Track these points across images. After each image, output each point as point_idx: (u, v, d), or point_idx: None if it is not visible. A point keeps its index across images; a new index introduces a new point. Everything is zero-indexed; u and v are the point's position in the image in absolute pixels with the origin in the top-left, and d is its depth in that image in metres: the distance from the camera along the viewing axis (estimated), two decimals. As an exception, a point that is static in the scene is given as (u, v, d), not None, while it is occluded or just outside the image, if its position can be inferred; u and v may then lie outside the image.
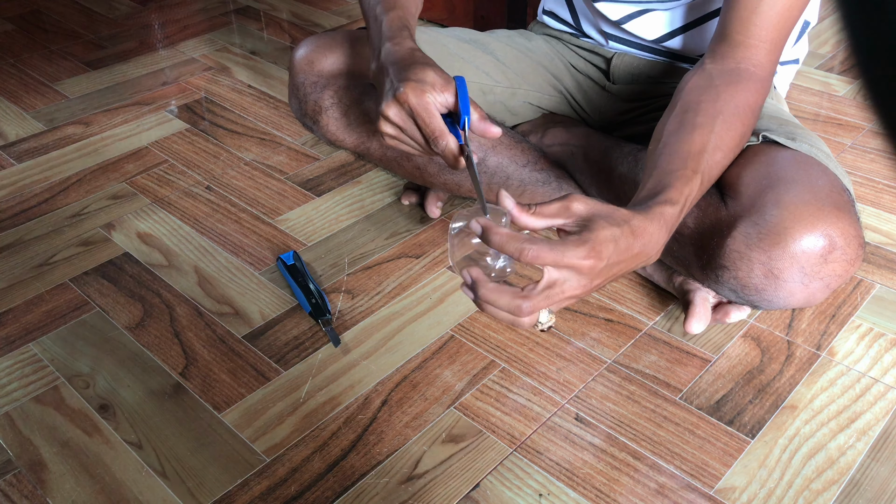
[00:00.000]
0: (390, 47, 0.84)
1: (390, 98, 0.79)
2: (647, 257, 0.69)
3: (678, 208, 0.71)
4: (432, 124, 0.78)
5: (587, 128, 1.09)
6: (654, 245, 0.69)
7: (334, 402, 0.88)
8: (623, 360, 0.92)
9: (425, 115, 0.78)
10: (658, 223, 0.69)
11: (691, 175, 0.73)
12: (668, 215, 0.70)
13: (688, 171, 0.74)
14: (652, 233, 0.68)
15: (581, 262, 0.63)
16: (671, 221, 0.70)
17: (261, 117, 1.44)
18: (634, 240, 0.66)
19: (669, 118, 0.80)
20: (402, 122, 0.80)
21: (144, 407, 0.87)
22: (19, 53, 1.72)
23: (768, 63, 0.83)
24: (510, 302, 0.64)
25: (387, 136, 0.83)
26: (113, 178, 1.28)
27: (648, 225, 0.68)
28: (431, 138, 0.78)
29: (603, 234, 0.64)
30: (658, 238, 0.69)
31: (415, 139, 0.81)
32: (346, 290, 1.03)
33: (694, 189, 0.73)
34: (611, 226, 0.65)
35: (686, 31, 0.99)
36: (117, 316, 1.00)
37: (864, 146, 1.33)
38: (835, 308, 0.99)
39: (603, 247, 0.64)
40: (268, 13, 1.91)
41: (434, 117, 0.78)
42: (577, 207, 0.66)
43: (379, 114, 0.81)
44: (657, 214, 0.69)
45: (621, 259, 0.66)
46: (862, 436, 0.83)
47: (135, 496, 0.78)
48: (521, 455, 0.81)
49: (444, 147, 0.78)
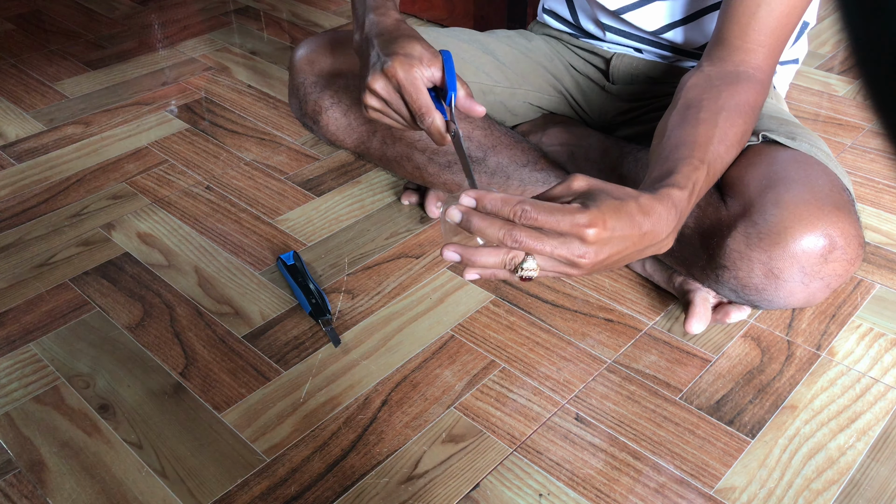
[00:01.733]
0: (374, 18, 0.83)
1: (378, 71, 0.78)
2: (658, 240, 0.67)
3: (686, 192, 0.69)
4: (419, 100, 0.77)
5: (587, 128, 1.09)
6: (663, 226, 0.66)
7: (334, 402, 0.88)
8: (623, 360, 0.92)
9: (413, 90, 0.77)
10: (666, 204, 0.66)
11: (698, 164, 0.72)
12: (677, 197, 0.68)
13: (694, 160, 0.72)
14: (661, 213, 0.66)
15: (584, 230, 0.61)
16: (680, 204, 0.68)
17: (261, 117, 1.44)
18: (643, 217, 0.64)
19: (672, 115, 0.80)
20: (389, 96, 0.79)
21: (144, 407, 0.87)
22: (19, 53, 1.72)
23: (767, 66, 0.83)
24: (500, 230, 0.61)
25: (371, 110, 0.82)
26: (113, 178, 1.28)
27: (657, 204, 0.66)
28: (418, 114, 0.78)
29: (606, 204, 0.62)
30: (668, 219, 0.66)
31: (400, 114, 0.80)
32: (346, 290, 1.03)
33: (701, 178, 0.71)
34: (614, 198, 0.63)
35: (685, 24, 0.99)
36: (117, 316, 1.00)
37: (864, 146, 1.33)
38: (835, 308, 0.99)
39: (608, 216, 0.61)
40: (268, 13, 1.91)
41: (421, 92, 0.77)
42: (577, 184, 0.65)
43: (364, 87, 0.80)
44: (665, 195, 0.67)
45: (629, 234, 0.63)
46: (862, 436, 0.83)
47: (135, 496, 0.78)
48: (521, 455, 0.81)
49: (430, 123, 0.77)
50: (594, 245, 0.62)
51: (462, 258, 0.63)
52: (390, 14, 0.83)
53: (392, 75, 0.77)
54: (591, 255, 0.62)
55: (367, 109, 0.82)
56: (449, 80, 0.78)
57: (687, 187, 0.69)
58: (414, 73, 0.76)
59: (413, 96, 0.77)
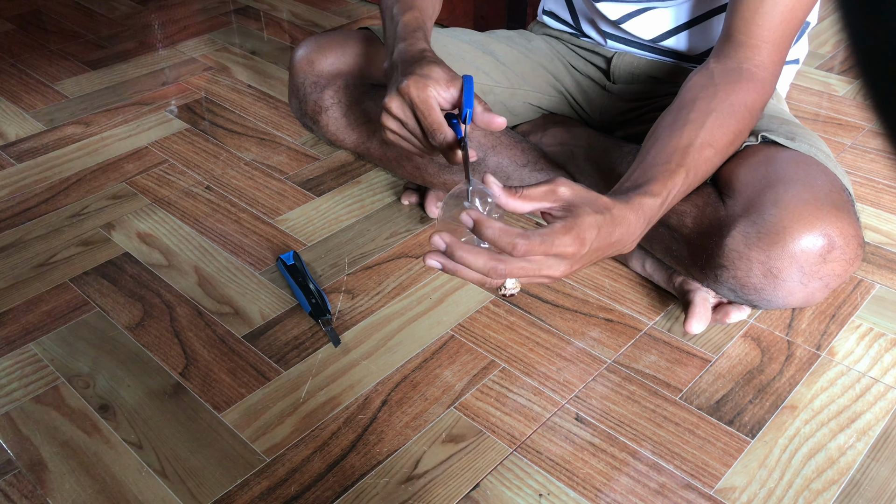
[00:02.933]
0: (403, 47, 0.84)
1: (393, 91, 0.79)
2: (623, 246, 0.71)
3: (659, 200, 0.73)
4: (430, 117, 0.78)
5: (587, 128, 1.09)
6: (631, 234, 0.71)
7: (334, 402, 0.88)
8: (623, 360, 0.92)
9: (424, 108, 0.78)
10: (637, 213, 0.71)
11: (675, 169, 0.75)
12: (648, 206, 0.72)
13: (672, 166, 0.75)
14: (631, 222, 0.70)
15: (566, 250, 0.65)
16: (650, 213, 0.72)
17: (261, 117, 1.44)
18: (614, 228, 0.68)
19: (666, 115, 0.81)
20: (403, 116, 0.80)
21: (144, 407, 0.87)
22: (19, 53, 1.72)
23: (770, 64, 0.83)
24: (486, 263, 0.64)
25: (388, 132, 0.83)
26: (113, 178, 1.28)
27: (629, 213, 0.70)
28: (429, 131, 0.78)
29: (587, 221, 0.66)
30: (635, 228, 0.71)
31: (415, 133, 0.81)
32: (346, 290, 1.03)
33: (678, 183, 0.75)
34: (594, 213, 0.67)
35: (683, 31, 0.99)
36: (117, 316, 1.00)
37: (864, 146, 1.33)
38: (835, 308, 0.99)
39: (587, 233, 0.66)
40: (268, 13, 1.91)
41: (433, 110, 0.78)
42: (562, 192, 0.68)
43: (382, 107, 0.81)
44: (637, 205, 0.71)
45: (601, 245, 0.68)
46: (862, 436, 0.83)
47: (135, 496, 0.78)
48: (521, 455, 0.82)
49: (441, 140, 0.78)
50: (570, 260, 0.66)
51: (444, 268, 0.67)
52: (418, 44, 0.85)
53: (406, 93, 0.78)
54: (566, 267, 0.67)
55: (386, 132, 0.83)
56: (466, 101, 0.78)
57: (661, 195, 0.73)
58: (428, 91, 0.77)
59: (424, 113, 0.78)
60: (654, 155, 0.77)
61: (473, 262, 0.64)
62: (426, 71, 0.78)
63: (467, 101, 0.78)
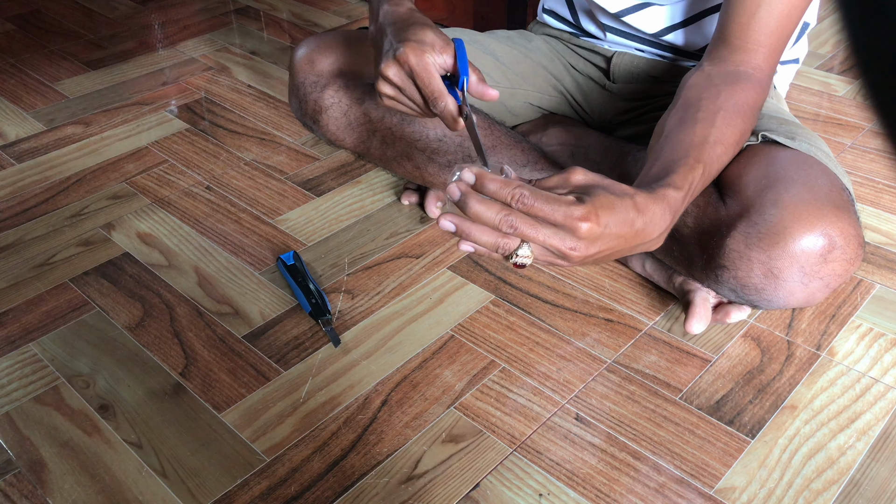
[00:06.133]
0: (388, 8, 0.84)
1: (390, 58, 0.79)
2: (649, 238, 0.68)
3: (682, 193, 0.70)
4: (432, 85, 0.78)
5: (587, 128, 1.09)
6: (656, 226, 0.67)
7: (334, 402, 0.88)
8: (623, 360, 0.92)
9: (425, 76, 0.78)
10: (662, 205, 0.67)
11: (694, 164, 0.73)
12: (673, 199, 0.69)
13: (690, 160, 0.73)
14: (655, 212, 0.67)
15: (577, 223, 0.62)
16: (675, 205, 0.69)
17: (261, 117, 1.44)
18: (637, 214, 0.65)
19: (671, 114, 0.81)
20: (402, 83, 0.80)
21: (144, 407, 0.87)
22: (19, 53, 1.72)
23: (767, 66, 0.83)
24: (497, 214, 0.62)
25: (385, 97, 0.83)
26: (113, 178, 1.28)
27: (652, 204, 0.66)
28: (430, 99, 0.78)
29: (602, 200, 0.63)
30: (661, 220, 0.68)
31: (413, 100, 0.81)
32: (346, 290, 1.03)
33: (696, 178, 0.72)
34: (611, 194, 0.64)
35: (686, 26, 0.99)
36: (117, 316, 1.00)
37: (864, 146, 1.33)
38: (835, 308, 0.99)
39: (602, 212, 0.62)
40: (268, 13, 1.91)
41: (434, 78, 0.78)
42: (576, 178, 0.65)
43: (378, 74, 0.81)
44: (661, 196, 0.68)
45: (622, 232, 0.65)
46: (862, 436, 0.83)
47: (135, 496, 0.78)
48: (521, 455, 0.81)
49: (442, 108, 0.78)
50: (585, 239, 0.63)
51: (457, 228, 0.64)
52: (404, 4, 0.84)
53: (404, 61, 0.77)
54: (582, 248, 0.63)
55: (382, 97, 0.82)
56: (461, 67, 0.78)
57: (683, 188, 0.70)
58: (426, 58, 0.77)
59: (425, 81, 0.77)
60: (669, 151, 0.75)
61: (485, 212, 0.62)
62: (421, 36, 0.78)
63: (462, 67, 0.78)
